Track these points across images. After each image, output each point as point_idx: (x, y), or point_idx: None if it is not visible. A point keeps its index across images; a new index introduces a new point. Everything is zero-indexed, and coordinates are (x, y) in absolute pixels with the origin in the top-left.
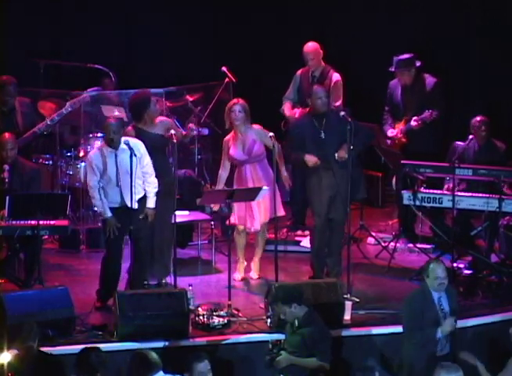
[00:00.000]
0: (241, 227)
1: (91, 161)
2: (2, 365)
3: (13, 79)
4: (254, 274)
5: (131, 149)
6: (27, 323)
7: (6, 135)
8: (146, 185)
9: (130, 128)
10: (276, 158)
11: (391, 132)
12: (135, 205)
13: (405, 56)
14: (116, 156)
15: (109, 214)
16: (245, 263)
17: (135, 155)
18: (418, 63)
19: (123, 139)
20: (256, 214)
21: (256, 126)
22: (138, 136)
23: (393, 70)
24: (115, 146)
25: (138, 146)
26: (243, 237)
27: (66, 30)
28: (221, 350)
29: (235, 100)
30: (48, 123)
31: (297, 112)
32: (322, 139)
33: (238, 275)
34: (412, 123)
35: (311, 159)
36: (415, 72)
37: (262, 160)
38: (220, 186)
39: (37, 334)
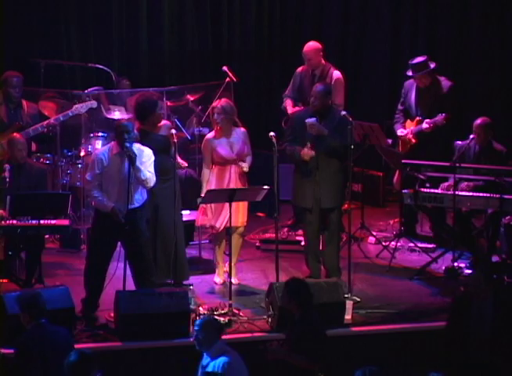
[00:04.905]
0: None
1: (97, 156)
2: None
3: (17, 73)
4: (234, 280)
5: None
6: None
7: (17, 135)
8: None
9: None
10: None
11: (400, 132)
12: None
13: (419, 59)
14: (124, 158)
15: (111, 204)
16: (225, 267)
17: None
18: (432, 65)
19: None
20: (226, 213)
21: (242, 129)
22: (141, 138)
23: (410, 74)
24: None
25: (145, 152)
26: (222, 240)
27: (67, 30)
28: None
29: (216, 102)
30: (52, 122)
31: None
32: (317, 136)
33: (218, 279)
34: (424, 125)
35: (307, 152)
36: (431, 74)
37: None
38: (205, 183)
39: None
